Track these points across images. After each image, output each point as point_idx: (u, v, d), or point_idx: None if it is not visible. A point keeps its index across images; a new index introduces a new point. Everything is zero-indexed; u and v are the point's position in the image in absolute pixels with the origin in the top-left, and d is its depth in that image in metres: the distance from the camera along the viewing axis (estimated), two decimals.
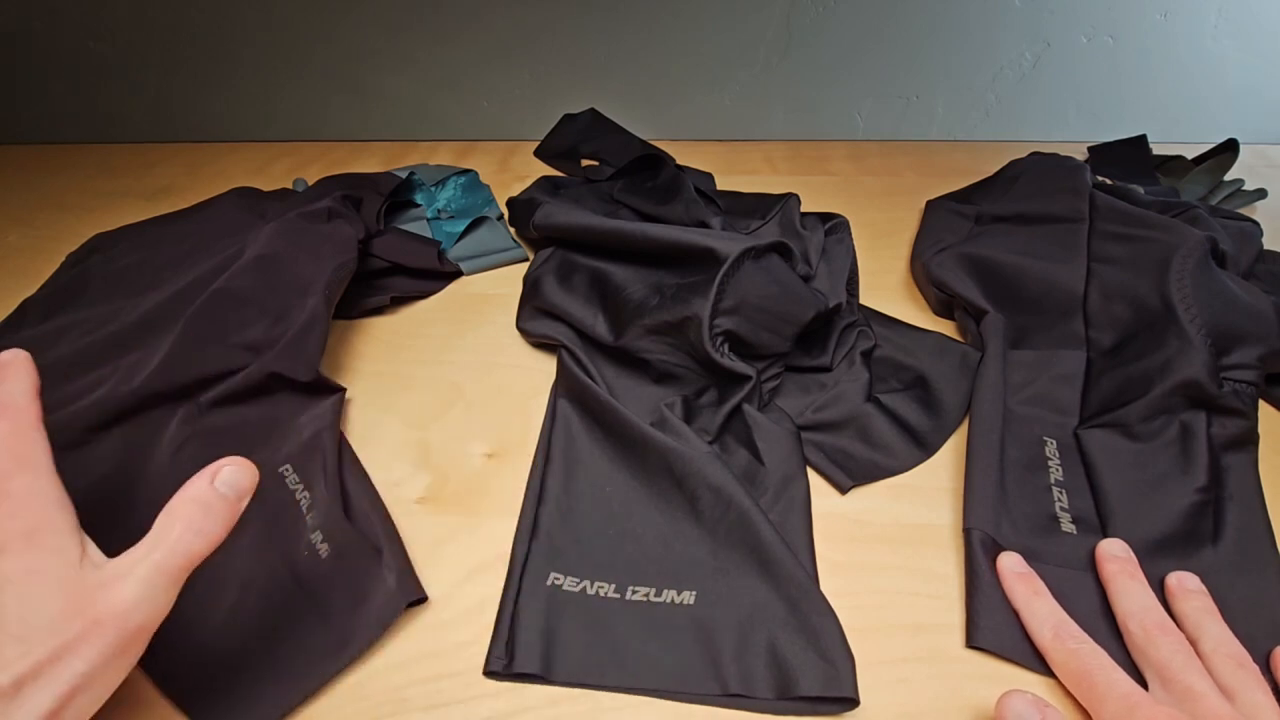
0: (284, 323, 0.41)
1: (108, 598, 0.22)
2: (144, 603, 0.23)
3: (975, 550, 0.32)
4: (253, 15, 0.64)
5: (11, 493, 0.23)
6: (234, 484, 0.26)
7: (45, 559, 0.22)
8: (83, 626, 0.22)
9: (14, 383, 0.27)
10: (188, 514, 0.24)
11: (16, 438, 0.25)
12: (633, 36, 0.64)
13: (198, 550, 0.24)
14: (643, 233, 0.44)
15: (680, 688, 0.29)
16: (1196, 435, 0.36)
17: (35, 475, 0.24)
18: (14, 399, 0.26)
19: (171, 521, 0.24)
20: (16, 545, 0.22)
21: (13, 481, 0.24)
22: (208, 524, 0.25)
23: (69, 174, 0.66)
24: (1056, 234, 0.46)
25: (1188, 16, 0.61)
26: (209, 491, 0.25)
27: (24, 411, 0.26)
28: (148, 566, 0.23)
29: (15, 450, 0.24)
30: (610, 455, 0.38)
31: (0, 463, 0.24)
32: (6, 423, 0.25)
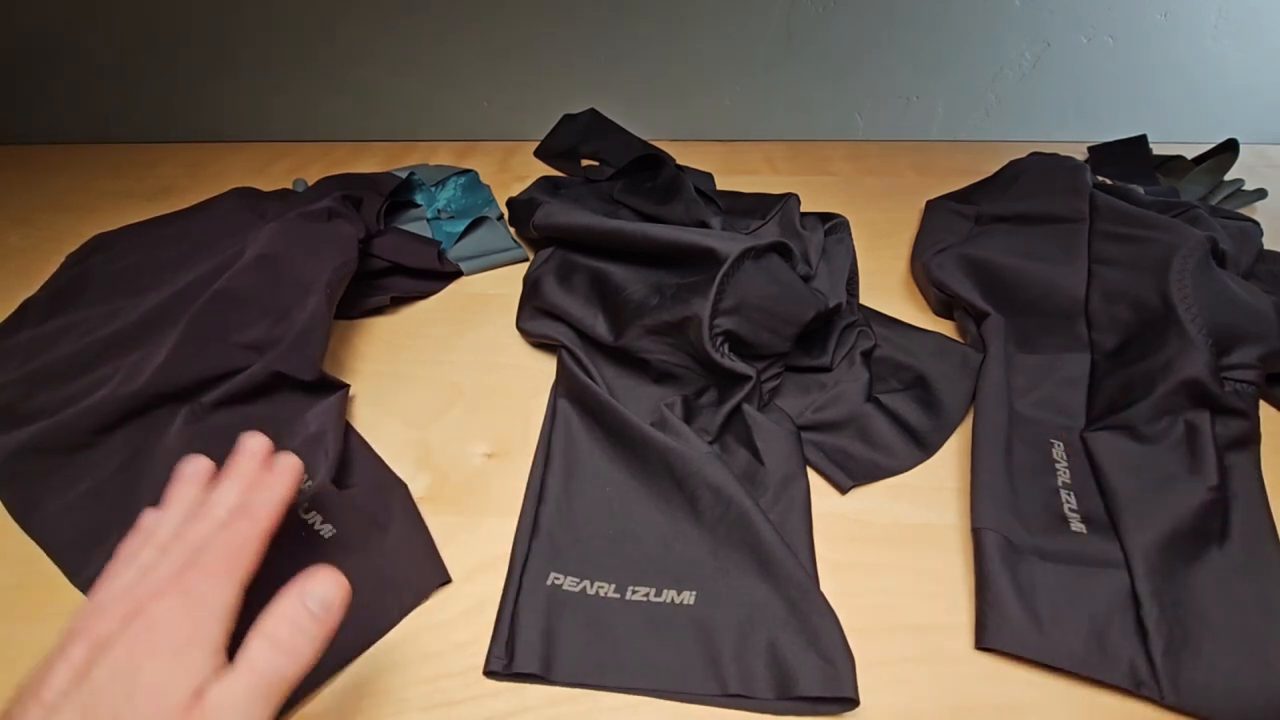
0: (285, 322, 0.41)
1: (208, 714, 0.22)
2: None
3: (987, 550, 0.32)
4: (253, 16, 0.64)
5: (196, 595, 0.24)
6: (325, 602, 0.25)
7: (176, 678, 0.22)
8: None
9: (275, 491, 0.28)
10: (279, 638, 0.24)
11: (240, 544, 0.26)
12: (633, 37, 0.64)
13: (291, 674, 0.24)
14: (643, 233, 0.44)
15: (680, 688, 0.29)
16: (1203, 434, 0.36)
17: (225, 587, 0.25)
18: (261, 506, 0.27)
19: (265, 646, 0.24)
20: (164, 655, 0.23)
21: (206, 582, 0.24)
22: (301, 645, 0.24)
23: (69, 174, 0.67)
24: (1057, 234, 0.46)
25: (1188, 16, 0.61)
26: (301, 613, 0.24)
27: (262, 520, 0.27)
28: (245, 691, 0.23)
29: (231, 555, 0.25)
30: (610, 455, 0.38)
31: (212, 561, 0.25)
32: (244, 525, 0.26)
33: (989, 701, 0.29)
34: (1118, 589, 0.31)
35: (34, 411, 0.40)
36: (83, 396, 0.40)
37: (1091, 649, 0.29)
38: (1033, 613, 0.30)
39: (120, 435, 0.38)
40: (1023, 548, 0.33)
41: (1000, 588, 0.31)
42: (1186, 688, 0.28)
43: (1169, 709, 0.28)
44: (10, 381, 0.42)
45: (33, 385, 0.41)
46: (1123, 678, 0.29)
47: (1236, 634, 0.30)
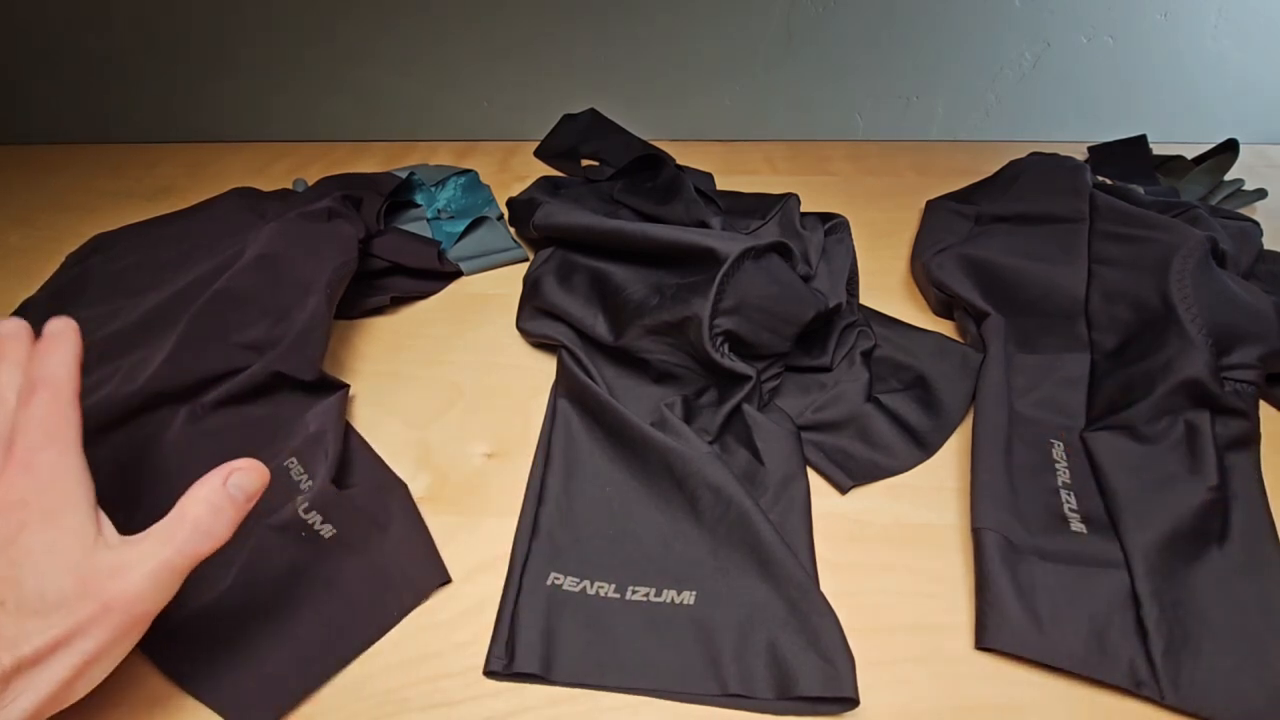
0: (285, 322, 0.41)
1: (118, 585, 0.23)
2: (149, 593, 0.24)
3: (987, 550, 0.32)
4: (253, 15, 0.64)
5: (37, 466, 0.24)
6: (244, 487, 0.27)
7: (64, 538, 0.24)
8: (94, 609, 0.23)
9: (57, 355, 0.27)
10: (196, 514, 0.25)
11: (51, 412, 0.26)
12: (633, 36, 0.64)
13: (203, 550, 0.25)
14: (643, 233, 0.44)
15: (680, 688, 0.29)
16: (1203, 434, 0.36)
17: (62, 451, 0.25)
18: (54, 371, 0.27)
19: (182, 520, 0.25)
20: (37, 522, 0.24)
21: (41, 455, 0.25)
22: (215, 526, 0.26)
23: (70, 174, 0.66)
24: (1057, 234, 0.46)
25: (1188, 16, 0.61)
26: (220, 493, 0.26)
27: (63, 386, 0.27)
28: (156, 561, 0.24)
29: (47, 424, 0.25)
30: (610, 455, 0.38)
31: (32, 435, 0.25)
32: (44, 395, 0.26)
33: (989, 701, 0.29)
34: (1118, 589, 0.31)
35: None
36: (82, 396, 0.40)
37: (1091, 649, 0.29)
38: (1033, 613, 0.30)
39: (121, 435, 0.38)
40: (1023, 548, 0.33)
41: (1000, 588, 0.31)
42: (1186, 688, 0.28)
43: (1169, 709, 0.28)
44: None
45: None
46: (1123, 678, 0.29)
47: (1236, 634, 0.30)
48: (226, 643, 0.30)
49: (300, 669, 0.29)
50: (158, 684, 0.29)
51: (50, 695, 0.23)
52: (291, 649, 0.30)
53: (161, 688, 0.29)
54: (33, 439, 0.25)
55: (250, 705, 0.28)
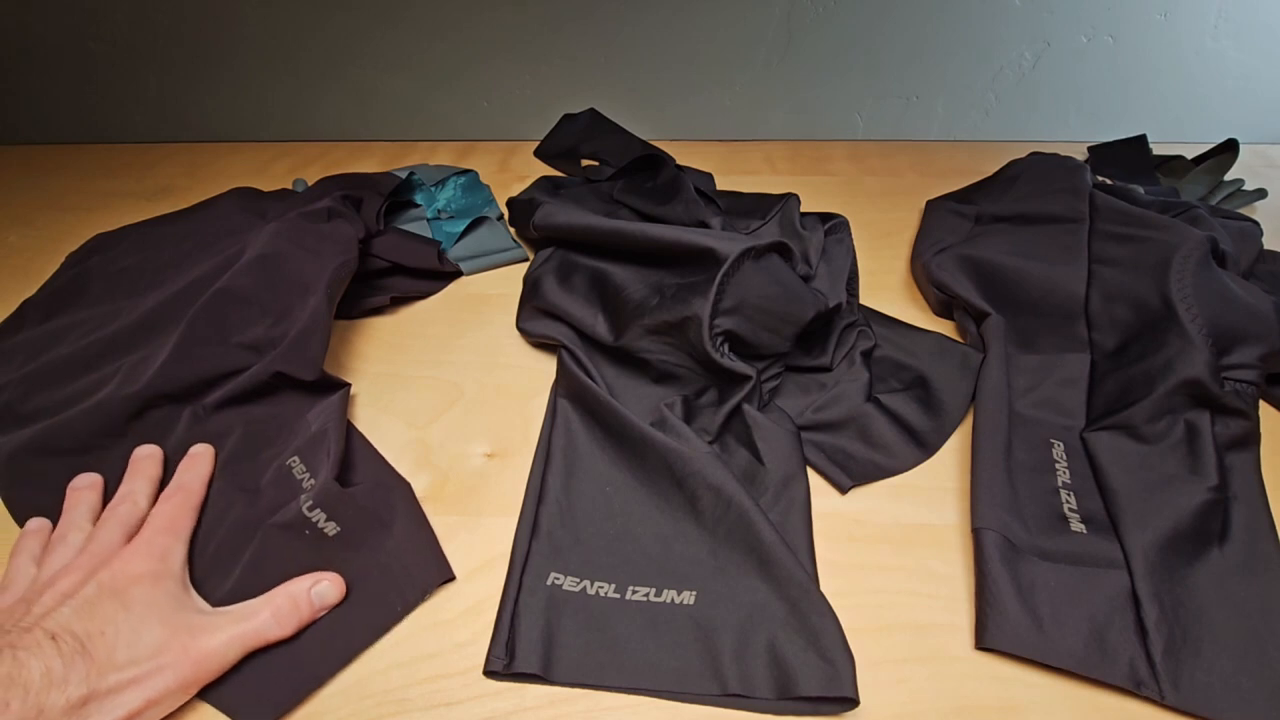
0: (286, 322, 0.41)
1: (199, 641, 0.28)
2: (219, 656, 0.28)
3: (987, 550, 0.32)
4: (253, 16, 0.64)
5: (155, 546, 0.31)
6: (324, 597, 0.31)
7: (163, 599, 0.29)
8: (174, 656, 0.27)
9: (196, 470, 0.36)
10: (279, 605, 0.30)
11: (179, 511, 0.33)
12: (632, 36, 0.64)
13: (270, 637, 0.29)
14: (643, 233, 0.44)
15: (680, 688, 0.29)
16: (1203, 434, 0.36)
17: (176, 540, 0.32)
18: (190, 481, 0.35)
19: (266, 604, 0.30)
20: (146, 581, 0.29)
21: (160, 538, 0.31)
22: (288, 621, 0.30)
23: (69, 174, 0.66)
24: (1057, 234, 0.46)
25: (1188, 16, 0.61)
26: (304, 596, 0.30)
27: (194, 494, 0.34)
28: (233, 633, 0.29)
29: (173, 518, 0.33)
30: (610, 455, 0.38)
31: (160, 521, 0.32)
32: (178, 497, 0.34)
33: (989, 701, 0.29)
34: (1118, 589, 0.31)
35: (34, 412, 0.40)
36: (83, 397, 0.40)
37: (1091, 649, 0.29)
38: (1033, 613, 0.30)
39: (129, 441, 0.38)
40: (1023, 548, 0.33)
41: (1000, 588, 0.31)
42: (1186, 688, 0.28)
43: (1169, 709, 0.28)
44: (10, 382, 0.42)
45: (33, 386, 0.41)
46: (1123, 678, 0.29)
47: (1236, 634, 0.30)
48: None
49: (305, 666, 0.30)
50: None
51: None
52: (296, 647, 0.30)
53: None
54: (159, 525, 0.32)
55: (253, 703, 0.28)
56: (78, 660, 0.26)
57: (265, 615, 0.29)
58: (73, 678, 0.25)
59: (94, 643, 0.26)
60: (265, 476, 0.36)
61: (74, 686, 0.25)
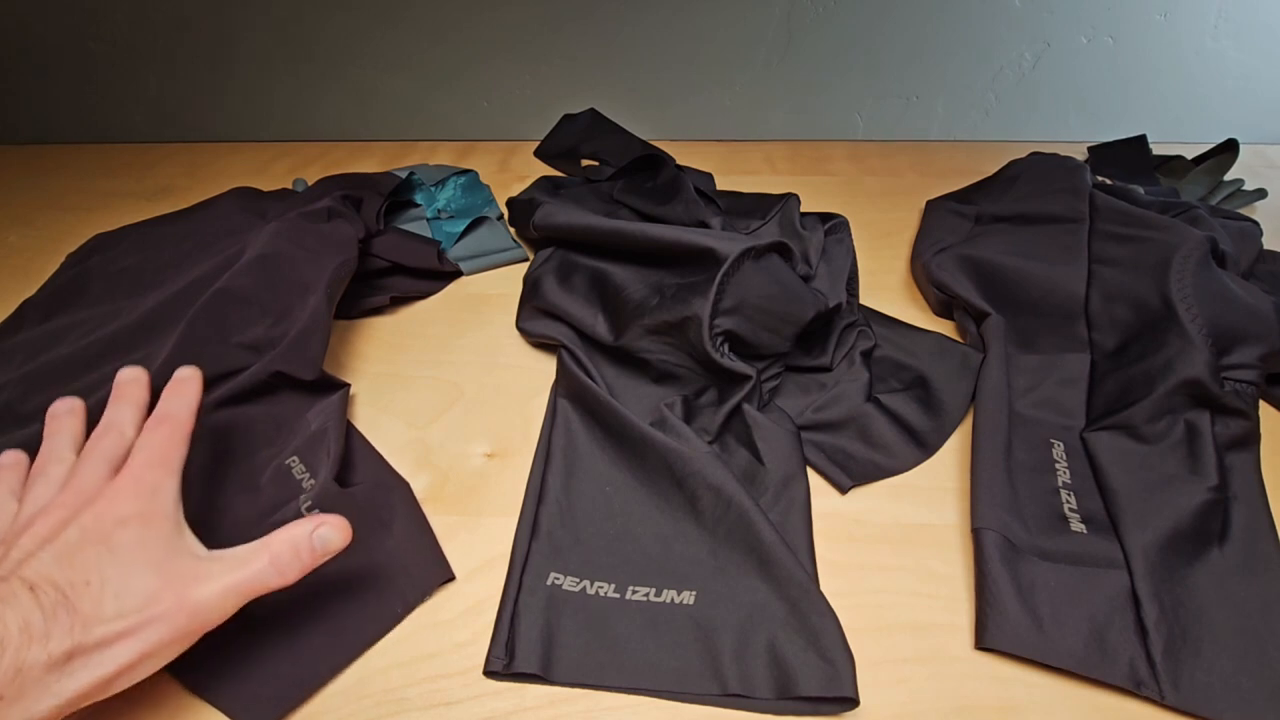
0: (286, 322, 0.41)
1: (194, 590, 0.26)
2: (215, 608, 0.26)
3: (987, 550, 0.32)
4: (253, 16, 0.64)
5: (143, 480, 0.28)
6: (327, 541, 0.28)
7: (154, 540, 0.26)
8: (168, 606, 0.25)
9: (183, 397, 0.32)
10: (278, 551, 0.27)
11: (166, 441, 0.30)
12: (632, 36, 0.64)
13: (271, 585, 0.27)
14: (643, 233, 0.44)
15: (680, 688, 0.29)
16: (1203, 435, 0.36)
17: (167, 474, 0.28)
18: (178, 410, 0.31)
19: (263, 550, 0.27)
20: (134, 522, 0.26)
21: (148, 471, 0.28)
22: (288, 567, 0.27)
23: (69, 174, 0.66)
24: (1057, 235, 0.46)
25: (1188, 16, 0.61)
26: (304, 540, 0.28)
27: (182, 423, 0.31)
28: (229, 580, 0.26)
29: (161, 449, 0.29)
30: (610, 455, 0.38)
31: (148, 454, 0.29)
32: (165, 427, 0.30)
33: (989, 701, 0.29)
34: (1118, 589, 0.31)
35: (34, 412, 0.40)
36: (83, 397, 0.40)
37: (1091, 649, 0.29)
38: (1033, 613, 0.30)
39: None
40: (1023, 548, 0.33)
41: (1000, 588, 0.31)
42: (1186, 688, 0.28)
43: (1169, 709, 0.28)
44: (10, 382, 0.42)
45: (33, 386, 0.41)
46: (1123, 678, 0.29)
47: (1236, 634, 0.30)
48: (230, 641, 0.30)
49: (305, 667, 0.30)
50: (162, 683, 0.29)
51: (101, 680, 0.24)
52: (296, 647, 0.30)
53: (165, 687, 0.29)
54: (146, 458, 0.29)
55: (254, 704, 0.28)
56: (60, 612, 0.23)
57: (263, 562, 0.27)
58: (55, 632, 0.23)
59: (78, 593, 0.24)
60: (264, 476, 0.36)
61: (56, 641, 0.23)
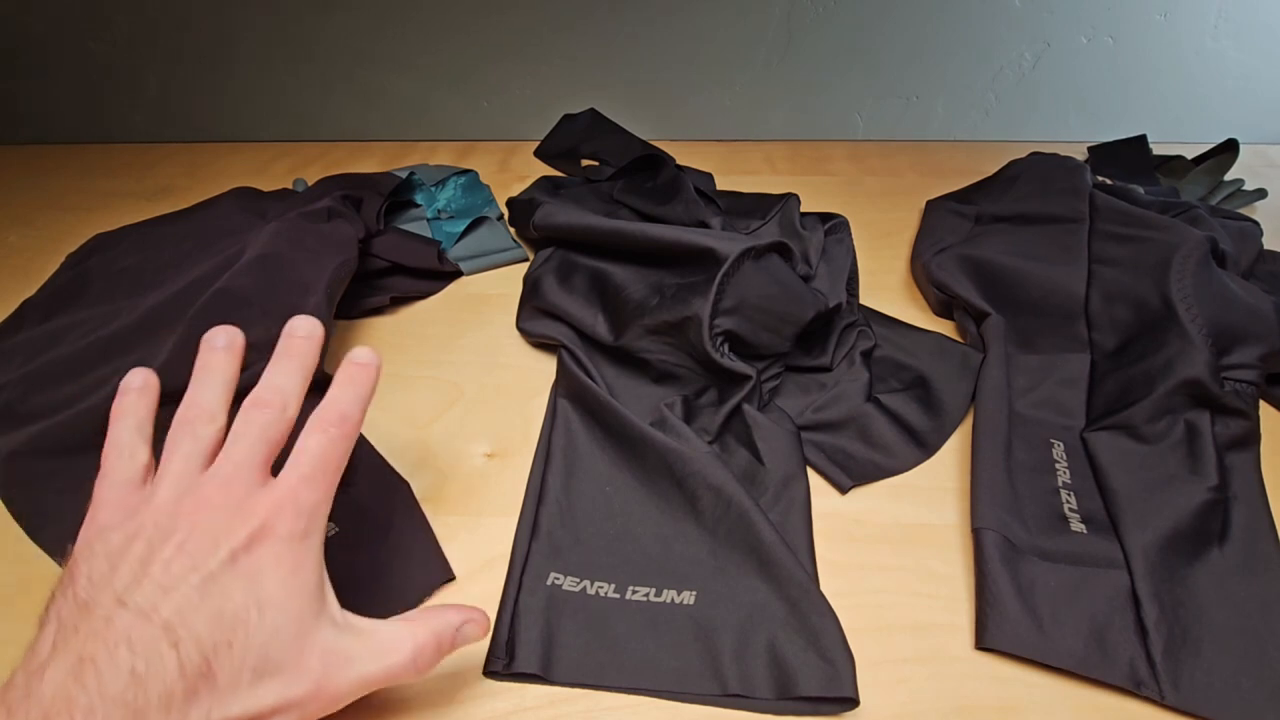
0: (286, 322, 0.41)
1: (332, 680, 0.21)
2: (349, 697, 0.22)
3: (987, 550, 0.32)
4: (253, 16, 0.64)
5: (302, 502, 0.23)
6: (468, 638, 0.26)
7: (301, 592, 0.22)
8: (306, 692, 0.21)
9: (358, 390, 0.26)
10: (422, 645, 0.24)
11: (333, 451, 0.24)
12: (632, 36, 0.64)
13: (407, 679, 0.24)
14: (643, 233, 0.44)
15: (680, 688, 0.29)
16: (1203, 435, 0.36)
17: (325, 497, 0.24)
18: (351, 411, 0.25)
19: (408, 641, 0.24)
20: (286, 565, 0.22)
21: (309, 492, 0.23)
22: (427, 664, 0.24)
23: (69, 174, 0.66)
24: (1057, 235, 0.46)
25: (1188, 16, 0.61)
26: (449, 636, 0.25)
27: (353, 429, 0.25)
28: (369, 672, 0.22)
29: (325, 461, 0.24)
30: (610, 455, 0.38)
31: (310, 468, 0.24)
32: (335, 433, 0.25)
33: (989, 701, 0.29)
34: (1118, 589, 0.31)
35: (34, 412, 0.40)
36: (83, 397, 0.40)
37: (1091, 649, 0.29)
38: (1033, 613, 0.30)
39: None
40: (1023, 548, 0.33)
41: (1000, 588, 0.31)
42: (1186, 688, 0.28)
43: (1169, 709, 0.28)
44: (10, 381, 0.42)
45: (32, 385, 0.41)
46: (1123, 678, 0.29)
47: (1236, 634, 0.30)
48: None
49: None
50: None
51: None
52: None
53: None
54: (308, 472, 0.24)
55: None
56: (200, 687, 0.19)
57: (407, 654, 0.23)
58: (192, 714, 0.18)
59: (219, 658, 0.19)
60: None
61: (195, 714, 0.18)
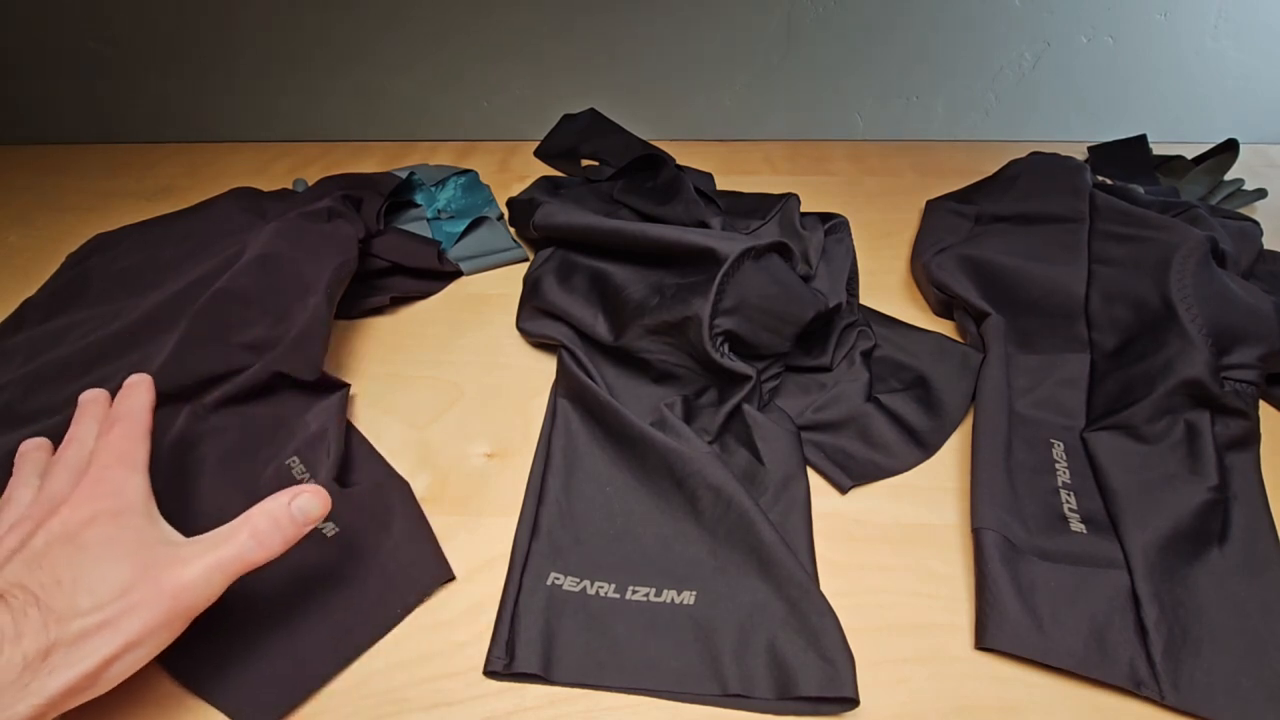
0: (286, 322, 0.41)
1: (171, 575, 0.26)
2: (200, 585, 0.26)
3: (987, 550, 0.32)
4: (253, 16, 0.64)
5: (107, 480, 0.28)
6: (307, 510, 0.29)
7: (124, 534, 0.26)
8: (147, 593, 0.25)
9: (135, 398, 0.32)
10: (257, 525, 0.27)
11: (124, 439, 0.30)
12: (633, 36, 0.64)
13: (255, 559, 0.27)
14: (643, 233, 0.44)
15: (680, 688, 0.29)
16: (1203, 435, 0.36)
17: (130, 470, 0.29)
18: (131, 408, 0.31)
19: (243, 526, 0.27)
20: (103, 520, 0.26)
21: (111, 471, 0.28)
22: (271, 539, 0.28)
23: (69, 174, 0.66)
24: (1057, 235, 0.46)
25: (1188, 16, 0.61)
26: (284, 511, 0.28)
27: (138, 421, 0.31)
28: (211, 559, 0.26)
29: (120, 449, 0.29)
30: (610, 455, 0.38)
31: (106, 455, 0.29)
32: (120, 427, 0.30)
33: (989, 701, 0.29)
34: (1118, 589, 0.31)
35: (34, 412, 0.40)
36: None
37: (1091, 649, 0.29)
38: (1033, 613, 0.30)
39: None
40: (1023, 548, 0.33)
41: (1000, 588, 0.31)
42: (1186, 688, 0.28)
43: (1169, 709, 0.28)
44: (10, 381, 0.42)
45: (33, 385, 0.41)
46: (1123, 678, 0.29)
47: (1236, 634, 0.30)
48: (230, 642, 0.30)
49: (304, 668, 0.30)
50: (162, 683, 0.29)
51: (85, 675, 0.24)
52: (295, 648, 0.30)
53: (165, 687, 0.29)
54: (106, 459, 0.28)
55: (254, 704, 0.28)
56: (30, 611, 0.23)
57: (243, 537, 0.27)
58: (27, 630, 0.23)
59: (49, 592, 0.24)
60: (264, 476, 0.36)
61: (30, 639, 0.23)
